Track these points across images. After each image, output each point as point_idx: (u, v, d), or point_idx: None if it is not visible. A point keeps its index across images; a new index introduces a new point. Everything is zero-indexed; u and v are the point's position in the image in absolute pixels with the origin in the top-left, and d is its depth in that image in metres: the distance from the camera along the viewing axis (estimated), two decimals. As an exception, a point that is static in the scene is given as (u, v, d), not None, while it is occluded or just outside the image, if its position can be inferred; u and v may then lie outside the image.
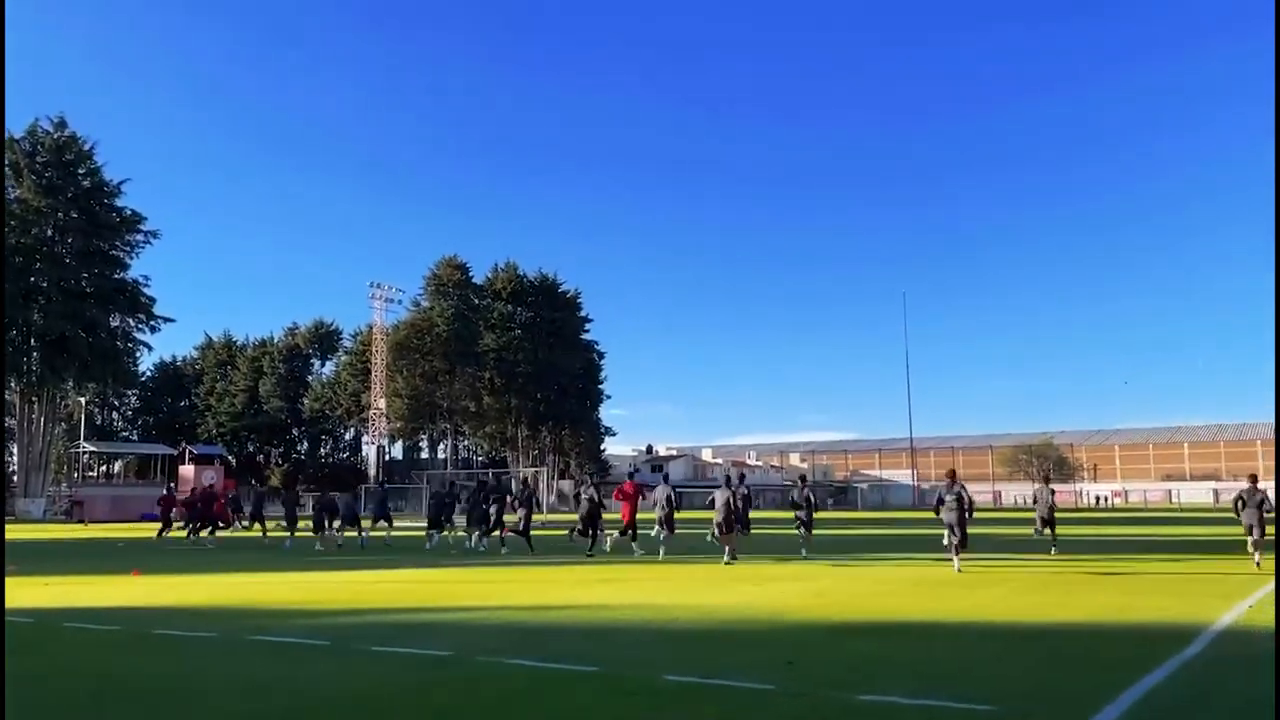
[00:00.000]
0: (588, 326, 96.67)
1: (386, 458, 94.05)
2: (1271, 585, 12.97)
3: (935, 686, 6.35)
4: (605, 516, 21.55)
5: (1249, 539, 17.43)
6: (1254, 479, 18.89)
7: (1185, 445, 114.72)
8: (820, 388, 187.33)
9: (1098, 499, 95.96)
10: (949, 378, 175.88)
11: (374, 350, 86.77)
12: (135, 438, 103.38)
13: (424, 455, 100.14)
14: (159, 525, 32.04)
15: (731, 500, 18.68)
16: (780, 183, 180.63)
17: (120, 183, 63.32)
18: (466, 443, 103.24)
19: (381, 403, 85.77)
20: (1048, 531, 20.10)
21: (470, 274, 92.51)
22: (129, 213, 63.47)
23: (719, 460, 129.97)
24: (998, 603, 11.16)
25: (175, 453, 72.79)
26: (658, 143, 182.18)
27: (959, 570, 15.53)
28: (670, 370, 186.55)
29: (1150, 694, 6.05)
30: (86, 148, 61.69)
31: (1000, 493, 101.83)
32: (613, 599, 12.11)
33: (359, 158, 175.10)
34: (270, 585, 14.78)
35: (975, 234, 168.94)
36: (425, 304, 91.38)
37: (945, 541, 16.51)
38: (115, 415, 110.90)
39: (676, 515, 20.58)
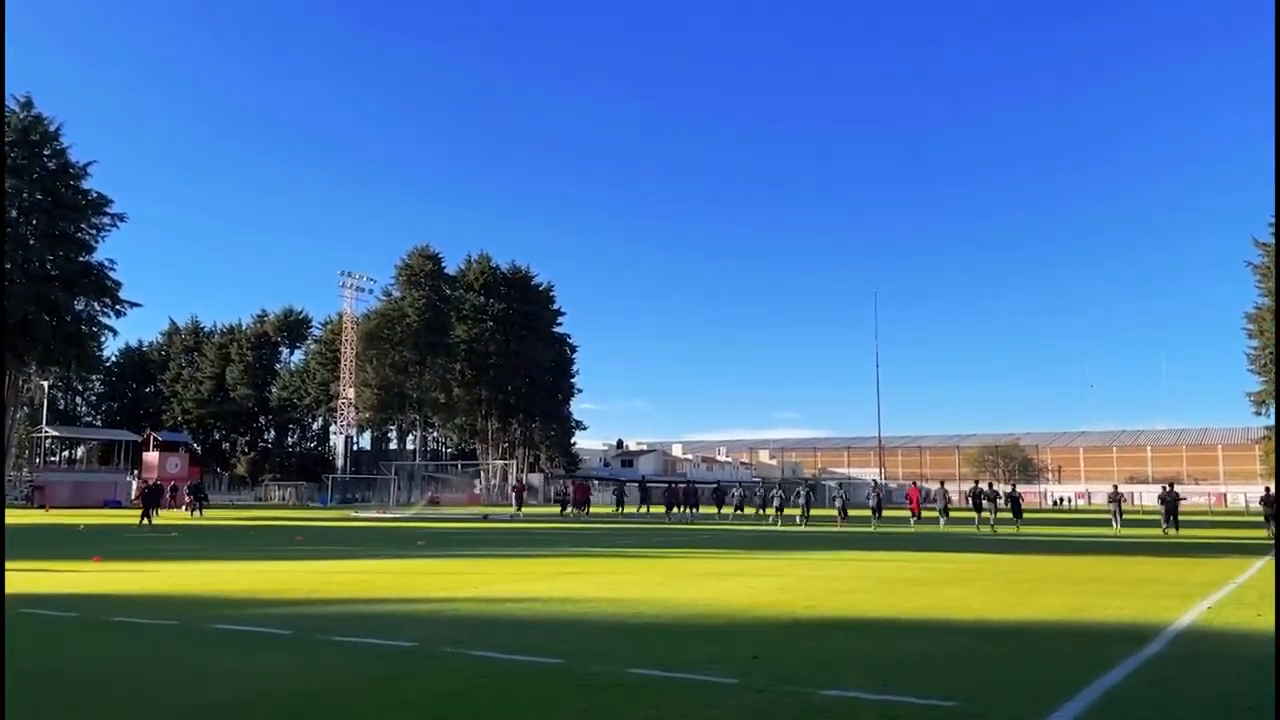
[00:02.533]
0: (560, 320, 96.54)
1: (355, 448, 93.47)
2: (1230, 588, 13.16)
3: (897, 682, 6.36)
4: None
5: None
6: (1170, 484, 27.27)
7: (1148, 448, 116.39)
8: (793, 385, 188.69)
9: (1059, 500, 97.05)
10: (918, 378, 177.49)
11: (343, 339, 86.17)
12: (99, 423, 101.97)
13: (393, 446, 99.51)
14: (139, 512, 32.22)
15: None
16: (759, 181, 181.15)
17: (87, 164, 62.30)
18: (436, 434, 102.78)
19: (350, 392, 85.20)
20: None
21: (443, 264, 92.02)
22: (95, 195, 62.45)
23: (689, 456, 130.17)
24: (960, 601, 11.23)
25: (139, 439, 71.86)
26: (637, 140, 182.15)
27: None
28: (646, 366, 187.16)
29: (1110, 692, 6.09)
30: (52, 128, 60.62)
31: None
32: (577, 592, 12.07)
33: (331, 146, 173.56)
34: (234, 574, 14.62)
35: (946, 237, 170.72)
36: (396, 294, 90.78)
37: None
38: (79, 400, 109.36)
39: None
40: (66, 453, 79.32)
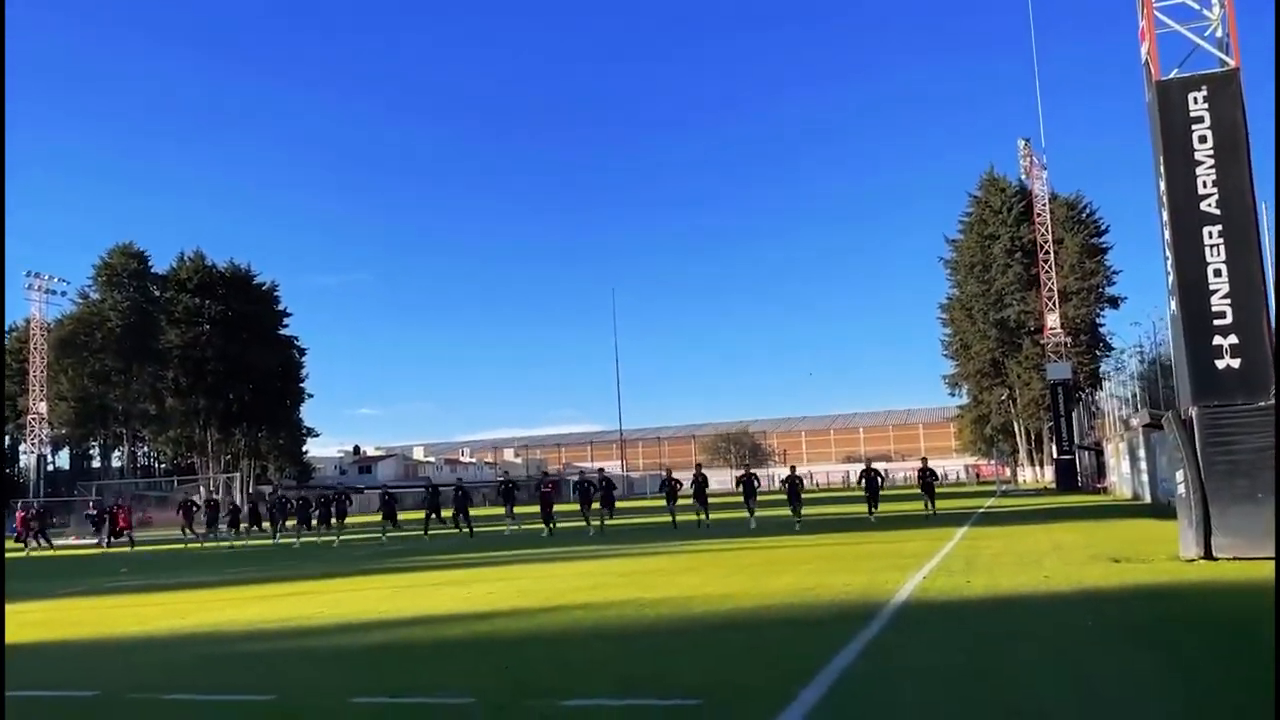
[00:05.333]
0: (286, 321, 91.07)
1: (50, 468, 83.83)
2: (938, 558, 14.14)
3: (640, 684, 6.12)
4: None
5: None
6: (925, 460, 25.96)
7: (860, 429, 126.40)
8: (570, 384, 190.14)
9: (783, 481, 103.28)
10: (661, 371, 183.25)
11: (32, 348, 76.90)
12: None
13: (95, 464, 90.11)
14: None
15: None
16: (495, 180, 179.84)
17: None
18: (146, 449, 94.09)
19: (42, 407, 76.19)
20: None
21: (150, 263, 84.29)
22: None
23: (431, 459, 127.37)
24: (698, 590, 11.29)
25: None
26: (367, 144, 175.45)
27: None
28: (424, 368, 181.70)
29: (844, 672, 6.14)
30: None
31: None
32: (300, 613, 11.08)
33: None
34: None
35: (672, 235, 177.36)
36: (95, 296, 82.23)
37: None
38: None
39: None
40: None
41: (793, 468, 28.27)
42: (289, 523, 30.13)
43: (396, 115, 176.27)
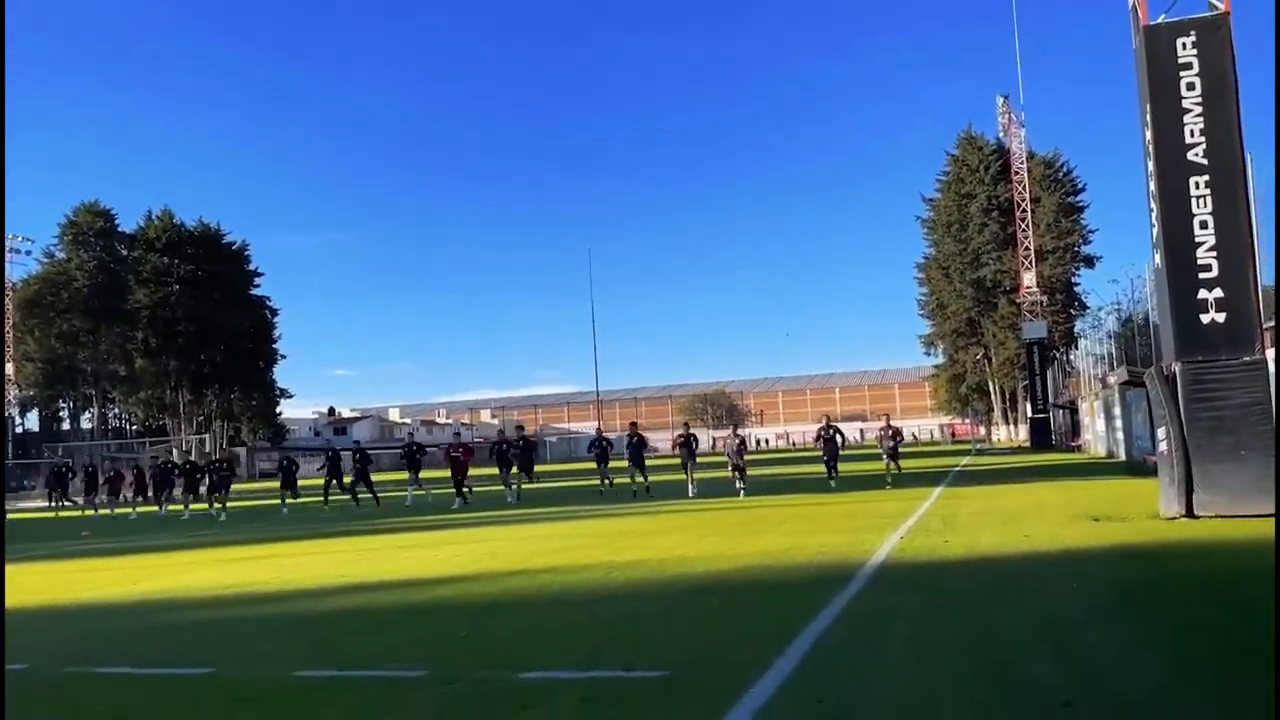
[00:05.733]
0: (258, 281, 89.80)
1: (19, 429, 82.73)
2: (915, 517, 13.90)
3: (605, 653, 5.78)
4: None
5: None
6: (887, 417, 24.24)
7: (836, 390, 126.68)
8: (547, 347, 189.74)
9: (759, 441, 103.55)
10: (638, 334, 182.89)
11: (-3, 308, 75.43)
12: None
13: (65, 426, 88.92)
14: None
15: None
16: (471, 144, 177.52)
17: None
18: (117, 411, 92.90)
19: (9, 368, 74.92)
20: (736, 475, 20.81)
21: (116, 222, 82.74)
22: None
23: (407, 420, 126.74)
24: (671, 552, 10.97)
25: None
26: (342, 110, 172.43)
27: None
28: (401, 330, 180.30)
29: (820, 638, 5.82)
30: None
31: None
32: (253, 578, 10.68)
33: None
34: None
35: (649, 200, 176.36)
36: (61, 255, 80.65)
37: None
38: None
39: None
40: None
41: (887, 415, 25.35)
42: (175, 491, 28.74)
43: (377, 76, 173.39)
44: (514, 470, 22.98)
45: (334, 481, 24.90)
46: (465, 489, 22.85)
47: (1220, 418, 11.02)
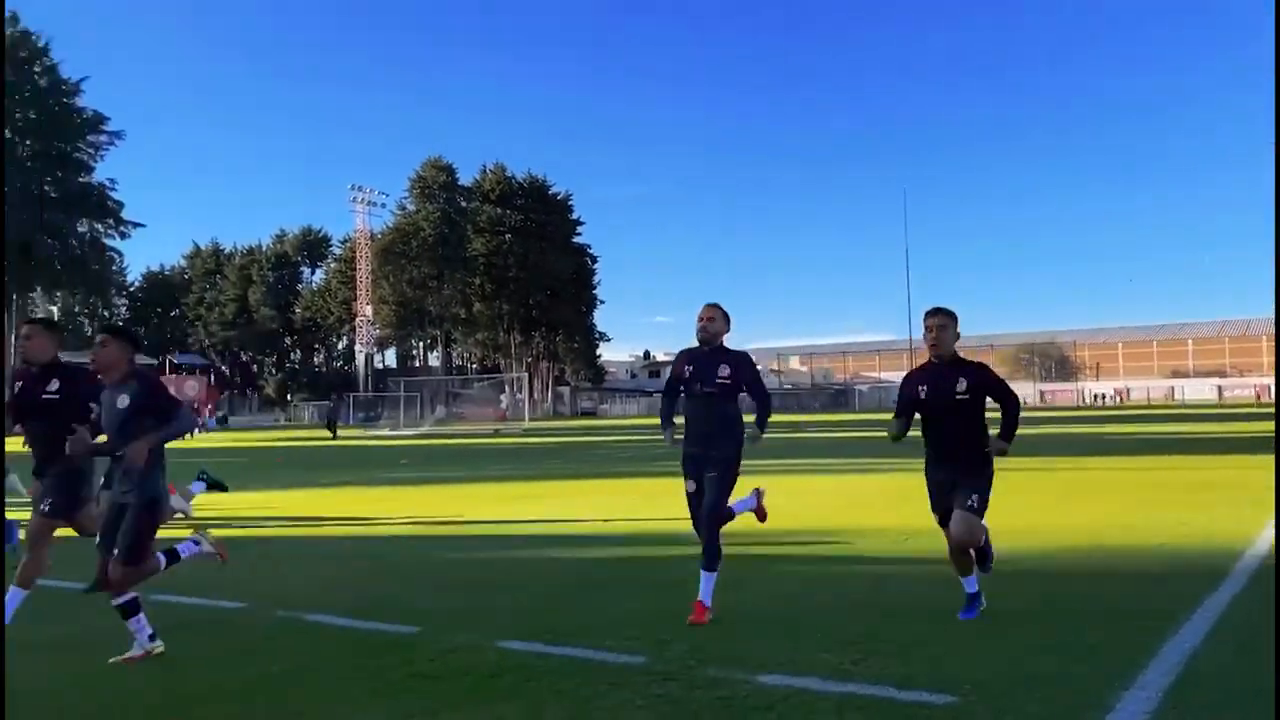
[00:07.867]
0: (580, 230, 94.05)
1: (380, 365, 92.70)
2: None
3: (868, 662, 4.45)
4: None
5: None
6: None
7: (1189, 342, 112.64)
8: (854, 292, 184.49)
9: (1097, 397, 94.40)
10: (951, 277, 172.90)
11: (359, 256, 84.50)
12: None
13: (417, 363, 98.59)
14: None
15: None
16: (782, 83, 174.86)
17: (80, 81, 60.24)
18: (459, 349, 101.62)
19: (368, 310, 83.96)
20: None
21: (456, 176, 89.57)
22: (90, 113, 60.50)
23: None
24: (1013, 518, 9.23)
25: (156, 363, 71.25)
26: (657, 50, 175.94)
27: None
28: (715, 278, 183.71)
29: (1185, 666, 4.13)
30: (40, 44, 58.41)
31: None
32: (522, 515, 10.23)
33: (331, 54, 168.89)
34: None
35: (973, 129, 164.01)
36: (411, 207, 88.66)
37: None
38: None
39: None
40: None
41: None
42: None
43: (697, 22, 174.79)
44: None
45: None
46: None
47: None
